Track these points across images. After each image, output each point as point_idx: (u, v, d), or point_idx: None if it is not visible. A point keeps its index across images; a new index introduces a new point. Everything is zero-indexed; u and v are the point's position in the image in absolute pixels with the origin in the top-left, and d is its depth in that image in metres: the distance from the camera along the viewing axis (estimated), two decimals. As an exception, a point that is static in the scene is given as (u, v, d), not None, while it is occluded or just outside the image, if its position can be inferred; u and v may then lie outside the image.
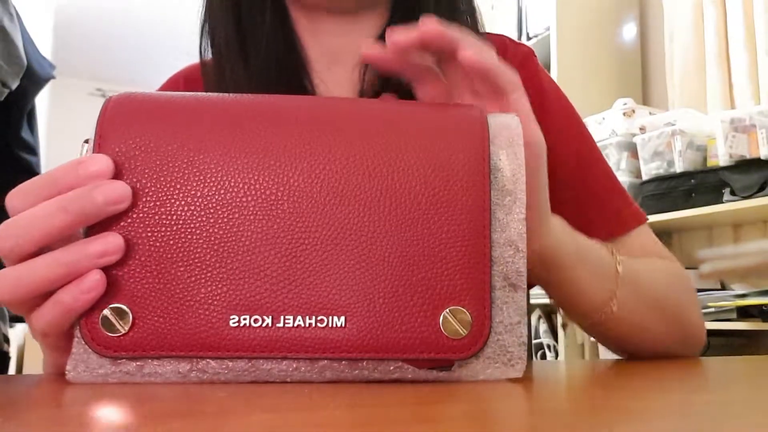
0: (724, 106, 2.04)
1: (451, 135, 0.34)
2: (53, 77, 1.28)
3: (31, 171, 1.15)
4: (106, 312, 0.31)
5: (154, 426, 0.21)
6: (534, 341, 2.25)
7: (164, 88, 0.65)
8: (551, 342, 2.24)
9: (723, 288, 1.77)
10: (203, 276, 0.31)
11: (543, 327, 2.26)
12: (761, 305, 1.60)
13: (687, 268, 1.99)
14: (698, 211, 1.79)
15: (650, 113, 2.12)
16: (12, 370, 1.16)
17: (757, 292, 1.64)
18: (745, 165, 1.73)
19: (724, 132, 1.76)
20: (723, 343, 1.79)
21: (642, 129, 2.03)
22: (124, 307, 0.31)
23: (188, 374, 0.31)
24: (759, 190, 1.68)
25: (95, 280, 0.30)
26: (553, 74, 2.26)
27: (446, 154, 0.33)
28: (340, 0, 0.58)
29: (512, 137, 0.36)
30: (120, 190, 0.31)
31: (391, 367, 0.32)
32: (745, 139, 1.74)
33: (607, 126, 2.12)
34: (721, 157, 1.77)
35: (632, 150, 2.06)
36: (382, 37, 0.59)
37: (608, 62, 2.36)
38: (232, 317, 0.31)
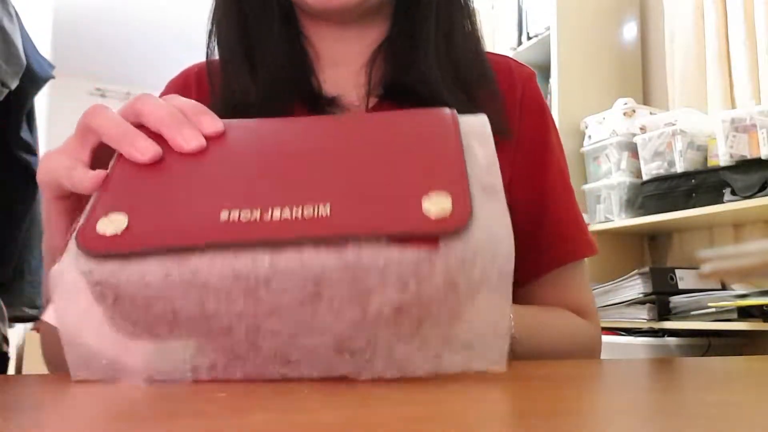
0: (724, 105, 2.04)
1: (426, 123, 0.38)
2: (52, 77, 1.28)
3: (29, 170, 1.15)
4: (104, 218, 0.32)
5: (155, 426, 0.21)
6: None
7: (175, 82, 0.68)
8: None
9: (723, 288, 1.77)
10: (197, 179, 0.34)
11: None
12: (762, 305, 1.60)
13: (688, 269, 1.98)
14: (699, 211, 1.79)
15: (651, 113, 2.12)
16: (11, 370, 1.16)
17: (757, 292, 1.63)
18: (745, 165, 1.73)
19: (724, 132, 1.76)
20: (724, 344, 1.79)
21: (642, 129, 2.03)
22: (121, 215, 0.32)
23: (172, 274, 0.31)
24: (760, 190, 1.68)
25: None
26: (553, 74, 2.26)
27: (421, 133, 0.37)
28: (341, 11, 0.61)
29: (483, 130, 0.38)
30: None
31: (379, 258, 0.30)
32: (746, 138, 1.74)
33: (607, 126, 2.12)
34: (721, 157, 1.77)
35: (633, 150, 2.06)
36: (384, 45, 0.63)
37: (609, 62, 2.35)
38: (222, 212, 0.32)
